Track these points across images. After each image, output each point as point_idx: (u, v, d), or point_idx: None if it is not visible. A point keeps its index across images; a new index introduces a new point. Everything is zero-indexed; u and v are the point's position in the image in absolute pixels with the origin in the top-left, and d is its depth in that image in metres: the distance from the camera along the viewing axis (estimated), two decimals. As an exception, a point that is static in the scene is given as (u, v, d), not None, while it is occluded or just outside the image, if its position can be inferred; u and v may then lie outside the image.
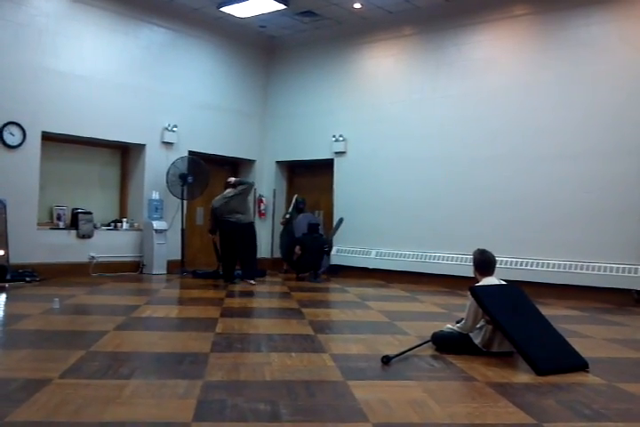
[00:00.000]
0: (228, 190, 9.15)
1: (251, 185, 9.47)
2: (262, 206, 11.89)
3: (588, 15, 8.56)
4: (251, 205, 10.89)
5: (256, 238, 9.27)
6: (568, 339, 4.47)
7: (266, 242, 11.90)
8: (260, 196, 11.92)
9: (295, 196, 11.22)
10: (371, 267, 10.26)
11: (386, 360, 4.18)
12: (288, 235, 10.72)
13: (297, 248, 9.88)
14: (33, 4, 8.76)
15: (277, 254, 11.62)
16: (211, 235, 9.37)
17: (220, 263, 9.38)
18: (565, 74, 8.68)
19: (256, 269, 9.31)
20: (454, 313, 4.95)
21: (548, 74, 8.83)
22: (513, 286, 4.91)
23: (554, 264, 8.44)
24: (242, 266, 9.11)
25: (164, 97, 10.34)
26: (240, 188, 9.10)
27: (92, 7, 9.39)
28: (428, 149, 9.87)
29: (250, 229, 9.09)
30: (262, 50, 12.01)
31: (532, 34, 9.12)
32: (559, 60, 8.76)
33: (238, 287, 8.60)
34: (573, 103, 8.58)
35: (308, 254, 9.82)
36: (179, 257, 10.09)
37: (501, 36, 9.38)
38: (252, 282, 8.91)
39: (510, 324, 4.33)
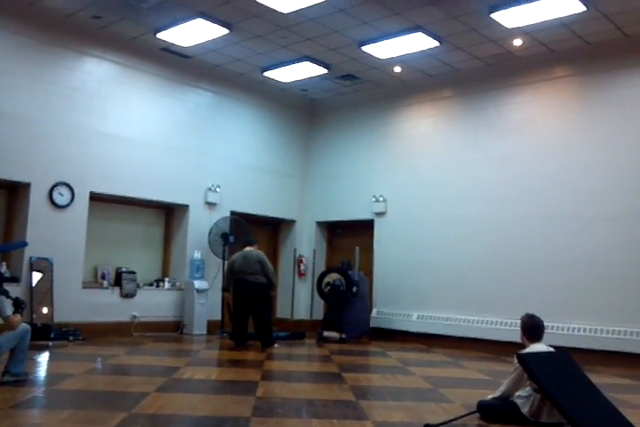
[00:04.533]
0: (249, 249, 8.88)
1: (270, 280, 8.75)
2: (302, 267, 11.90)
3: (630, 75, 8.61)
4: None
5: (270, 301, 8.90)
6: (619, 409, 4.30)
7: (305, 303, 11.85)
8: (300, 256, 11.95)
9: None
10: (412, 330, 10.09)
11: (428, 430, 4.07)
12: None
13: None
14: (85, 69, 9.21)
15: (316, 316, 11.54)
16: (224, 293, 9.03)
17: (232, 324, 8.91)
18: (608, 135, 8.67)
19: (271, 334, 8.69)
20: (499, 380, 4.82)
21: (590, 135, 8.83)
22: (562, 352, 4.78)
23: (602, 330, 8.19)
24: (257, 332, 8.62)
25: (207, 158, 10.60)
26: (262, 259, 8.69)
27: (140, 72, 9.83)
28: (470, 211, 9.84)
29: (265, 290, 8.65)
30: (303, 112, 12.30)
31: (573, 95, 9.18)
32: (601, 120, 8.77)
33: (277, 350, 8.51)
34: (617, 164, 8.53)
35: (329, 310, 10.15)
36: (219, 317, 10.09)
37: (541, 97, 9.46)
38: (276, 345, 8.56)
39: (559, 393, 4.19)
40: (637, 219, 8.24)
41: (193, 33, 8.98)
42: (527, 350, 4.63)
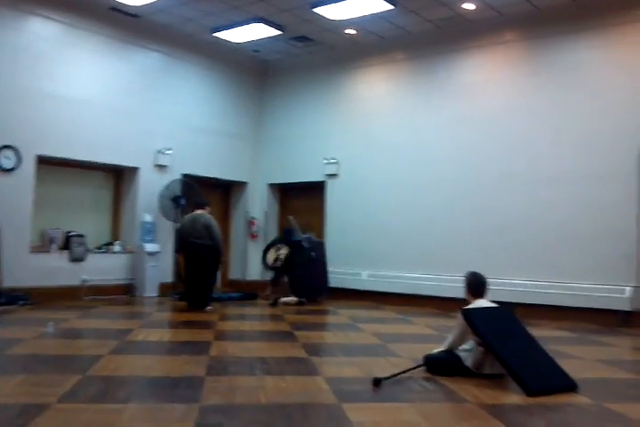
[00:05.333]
0: (199, 212, 8.71)
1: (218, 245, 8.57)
2: (254, 228, 11.94)
3: (575, 40, 8.78)
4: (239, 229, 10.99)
5: (216, 264, 8.69)
6: (558, 360, 4.55)
7: (257, 264, 11.91)
8: (252, 218, 11.99)
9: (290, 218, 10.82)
10: (362, 289, 10.30)
11: (376, 383, 4.23)
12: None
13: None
14: (31, 29, 8.90)
15: (268, 277, 11.65)
16: (177, 254, 8.94)
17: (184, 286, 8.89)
18: (556, 98, 8.85)
19: (207, 296, 8.54)
20: (446, 335, 5.03)
21: (539, 98, 9.00)
22: (504, 308, 4.99)
23: (543, 285, 8.52)
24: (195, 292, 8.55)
25: (157, 120, 10.44)
26: (209, 224, 8.51)
27: (88, 32, 9.54)
28: (421, 173, 9.99)
29: (209, 253, 8.47)
30: (255, 73, 12.16)
31: (522, 59, 9.31)
32: (549, 84, 8.94)
33: (230, 310, 8.63)
34: (564, 127, 8.74)
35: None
36: (170, 280, 10.10)
37: (491, 60, 9.57)
38: (209, 308, 8.41)
39: (501, 346, 4.41)
40: (585, 180, 8.48)
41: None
42: (471, 305, 4.82)
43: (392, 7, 8.95)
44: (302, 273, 9.89)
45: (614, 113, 8.37)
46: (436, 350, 4.84)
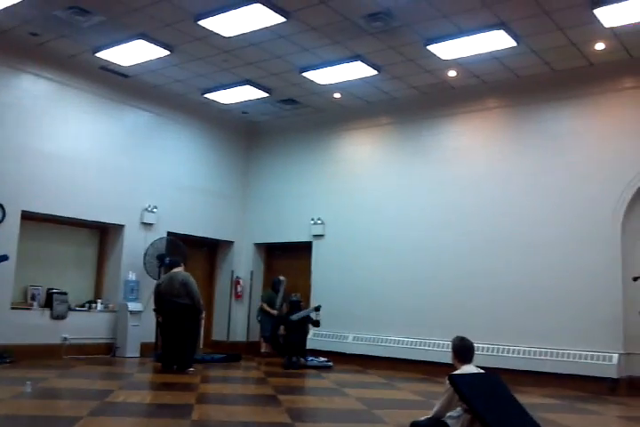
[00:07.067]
0: (175, 270, 8.71)
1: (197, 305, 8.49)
2: (239, 288, 11.85)
3: (556, 109, 9.05)
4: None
5: (196, 323, 8.69)
6: (546, 429, 4.48)
7: (242, 325, 11.80)
8: (237, 277, 11.92)
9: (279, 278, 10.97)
10: (347, 352, 10.16)
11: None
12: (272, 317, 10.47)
13: (281, 329, 9.78)
14: (21, 86, 9.05)
15: (253, 337, 11.53)
16: (156, 314, 8.77)
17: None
18: (537, 164, 9.05)
19: (190, 357, 8.39)
20: (433, 401, 4.95)
21: (521, 163, 9.19)
22: (491, 374, 4.93)
23: (530, 351, 8.47)
24: (175, 354, 8.33)
25: (145, 178, 10.51)
26: (187, 281, 8.47)
27: (78, 90, 9.71)
28: (406, 235, 10.05)
29: (189, 312, 8.40)
30: (244, 134, 12.35)
31: (504, 125, 9.57)
32: (531, 150, 9.16)
33: (213, 372, 8.47)
34: (546, 192, 8.89)
35: (293, 333, 9.62)
36: (152, 340, 9.92)
37: (475, 126, 9.82)
38: (191, 369, 8.20)
39: (488, 413, 4.32)
40: (565, 246, 8.58)
41: (133, 52, 8.96)
42: (458, 371, 4.75)
43: (376, 73, 9.23)
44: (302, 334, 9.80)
45: (595, 179, 8.56)
46: (423, 417, 4.75)
